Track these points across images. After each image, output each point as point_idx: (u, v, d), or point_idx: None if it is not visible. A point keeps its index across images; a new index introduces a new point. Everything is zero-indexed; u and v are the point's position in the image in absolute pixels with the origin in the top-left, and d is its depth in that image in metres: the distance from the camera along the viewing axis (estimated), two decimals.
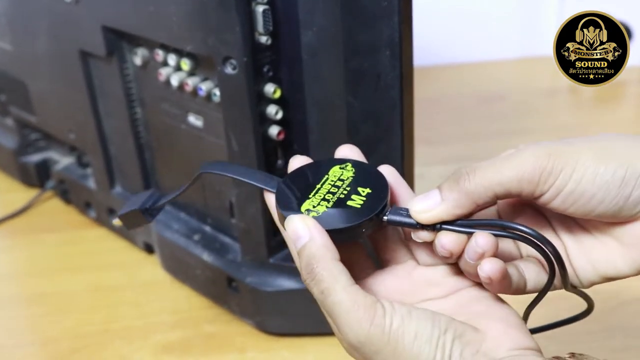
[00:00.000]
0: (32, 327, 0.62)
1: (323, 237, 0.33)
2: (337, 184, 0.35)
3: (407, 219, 0.34)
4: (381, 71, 0.47)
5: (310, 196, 0.35)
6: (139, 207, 0.42)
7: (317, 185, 0.35)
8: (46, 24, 0.63)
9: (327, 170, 0.36)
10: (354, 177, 0.36)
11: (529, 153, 0.33)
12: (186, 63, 0.53)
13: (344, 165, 0.36)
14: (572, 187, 0.33)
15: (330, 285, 0.32)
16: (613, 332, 0.56)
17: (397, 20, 0.45)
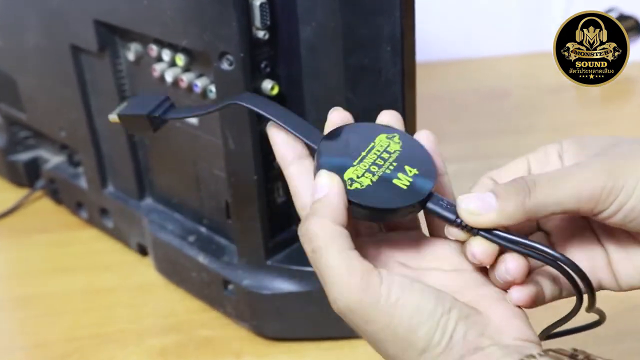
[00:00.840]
0: (22, 331, 0.61)
1: (336, 199, 0.32)
2: (383, 156, 0.34)
3: (446, 213, 0.33)
4: (382, 67, 0.47)
5: (355, 164, 0.33)
6: (147, 112, 0.39)
7: (362, 153, 0.34)
8: (36, 17, 0.62)
9: (374, 137, 0.35)
10: (401, 151, 0.34)
11: (588, 172, 0.33)
12: (181, 59, 0.52)
13: (391, 135, 0.35)
14: (633, 204, 0.33)
15: (323, 245, 0.31)
16: (623, 336, 0.55)
17: (399, 15, 0.45)
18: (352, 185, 0.33)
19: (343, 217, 0.32)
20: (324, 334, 0.56)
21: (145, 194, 0.65)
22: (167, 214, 0.63)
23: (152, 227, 0.62)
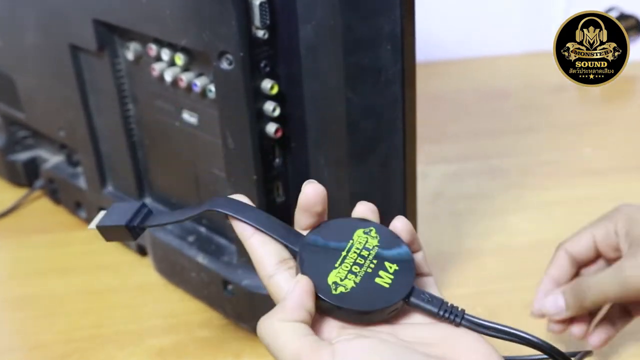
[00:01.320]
0: (20, 331, 0.61)
1: (292, 299, 0.33)
2: (362, 254, 0.35)
3: (429, 306, 0.34)
4: (382, 66, 0.46)
5: (337, 265, 0.34)
6: (126, 223, 0.39)
7: (343, 253, 0.35)
8: (35, 17, 0.62)
9: (351, 234, 0.36)
10: (379, 246, 0.35)
11: (630, 269, 0.44)
12: (180, 58, 0.52)
13: (368, 229, 0.36)
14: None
15: (271, 342, 0.33)
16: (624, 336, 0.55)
17: (399, 14, 0.45)
18: (337, 289, 0.33)
19: (297, 314, 0.33)
20: None
21: (144, 194, 0.65)
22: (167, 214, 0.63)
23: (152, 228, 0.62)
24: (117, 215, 0.40)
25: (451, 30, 1.06)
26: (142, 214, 0.40)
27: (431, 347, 0.33)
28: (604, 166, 0.79)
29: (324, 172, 0.51)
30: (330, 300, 0.33)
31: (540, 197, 0.72)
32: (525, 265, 0.63)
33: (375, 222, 0.37)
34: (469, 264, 0.64)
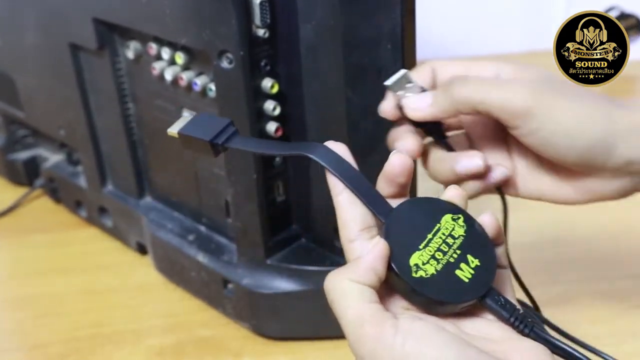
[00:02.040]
0: (20, 331, 0.60)
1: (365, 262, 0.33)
2: (447, 241, 0.34)
3: (503, 311, 0.34)
4: (382, 65, 0.46)
5: (421, 247, 0.34)
6: (210, 139, 0.38)
7: (429, 235, 0.34)
8: (35, 15, 0.62)
9: (439, 217, 0.35)
10: (465, 237, 0.34)
11: (519, 87, 0.37)
12: (180, 57, 0.52)
13: (456, 216, 0.35)
14: (547, 132, 0.37)
15: (335, 299, 0.33)
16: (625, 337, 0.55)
17: (399, 13, 0.44)
18: (417, 272, 0.33)
19: (368, 277, 0.32)
20: (324, 334, 0.56)
21: (144, 193, 0.64)
22: (167, 213, 0.63)
23: (152, 226, 0.62)
24: (202, 127, 0.39)
25: (451, 29, 1.06)
26: (228, 132, 0.39)
27: (490, 343, 0.32)
28: None
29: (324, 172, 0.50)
30: (409, 282, 0.33)
31: None
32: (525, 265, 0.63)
33: (464, 210, 0.36)
34: None
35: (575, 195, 0.40)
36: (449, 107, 0.39)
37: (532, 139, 0.38)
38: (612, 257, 0.64)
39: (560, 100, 0.37)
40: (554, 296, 0.59)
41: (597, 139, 0.37)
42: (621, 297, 0.59)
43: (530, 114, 0.37)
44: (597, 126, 0.37)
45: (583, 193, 0.40)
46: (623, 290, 0.59)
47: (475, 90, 0.38)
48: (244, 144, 0.39)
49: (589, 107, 0.37)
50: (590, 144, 0.37)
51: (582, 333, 0.55)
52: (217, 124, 0.39)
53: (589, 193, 0.40)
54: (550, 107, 0.37)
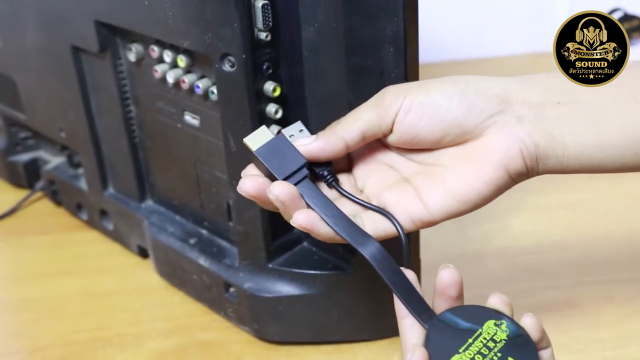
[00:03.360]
0: (20, 334, 0.60)
1: None
2: (489, 345, 0.35)
3: None
4: (385, 68, 0.46)
5: (461, 351, 0.34)
6: (282, 178, 0.39)
7: (469, 340, 0.35)
8: (36, 17, 0.61)
9: (482, 323, 0.36)
10: (507, 341, 0.35)
11: (380, 94, 0.41)
12: (183, 60, 0.51)
13: (499, 322, 0.36)
14: (405, 123, 0.39)
15: None
16: (626, 341, 0.55)
17: (402, 16, 0.44)
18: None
19: None
20: (325, 338, 0.55)
21: (145, 196, 0.64)
22: (168, 216, 0.62)
23: (153, 230, 0.62)
24: (277, 157, 0.39)
25: (454, 31, 1.06)
26: (301, 175, 0.40)
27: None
28: None
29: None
30: None
31: (543, 200, 0.72)
32: (528, 268, 0.63)
33: (508, 316, 0.37)
34: (472, 267, 0.63)
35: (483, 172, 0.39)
36: (333, 138, 0.40)
37: (399, 135, 0.40)
38: (614, 261, 0.63)
39: (421, 82, 0.41)
40: (556, 300, 0.58)
41: (465, 86, 0.40)
42: (624, 301, 0.59)
43: (387, 113, 0.39)
44: (461, 81, 0.40)
45: (485, 165, 0.39)
46: (626, 294, 0.59)
47: (350, 118, 0.41)
48: (309, 194, 0.40)
49: (453, 77, 0.41)
50: (460, 92, 0.39)
51: (585, 338, 0.55)
52: (293, 160, 0.40)
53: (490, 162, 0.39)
54: (412, 86, 0.40)
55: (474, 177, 0.39)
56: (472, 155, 0.39)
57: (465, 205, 0.39)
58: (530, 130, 0.38)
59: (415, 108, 0.39)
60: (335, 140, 0.40)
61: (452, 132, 0.39)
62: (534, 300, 0.51)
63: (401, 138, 0.40)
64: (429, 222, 0.40)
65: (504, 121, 0.38)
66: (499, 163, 0.38)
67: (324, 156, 0.41)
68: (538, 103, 0.39)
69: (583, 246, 0.65)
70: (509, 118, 0.38)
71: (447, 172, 0.40)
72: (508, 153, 0.38)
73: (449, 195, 0.39)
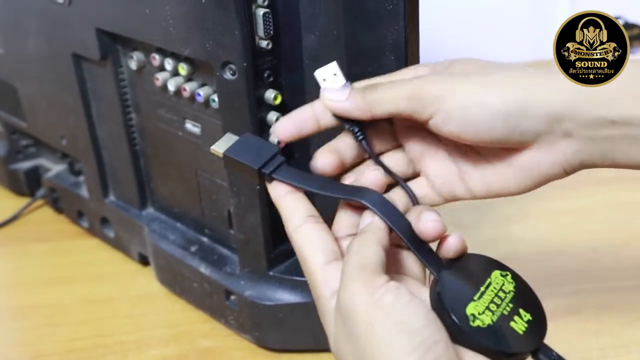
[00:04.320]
0: (21, 341, 0.60)
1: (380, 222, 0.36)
2: (500, 295, 0.35)
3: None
4: None
5: (476, 298, 0.35)
6: (259, 167, 0.38)
7: (481, 288, 0.35)
8: (38, 25, 0.62)
9: (489, 272, 0.36)
10: (515, 292, 0.36)
11: (420, 82, 0.38)
12: (184, 68, 0.51)
13: (504, 273, 0.37)
14: (460, 108, 0.37)
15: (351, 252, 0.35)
16: (629, 347, 0.55)
17: (403, 24, 0.44)
18: (475, 321, 0.34)
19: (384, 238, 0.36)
20: (326, 346, 0.55)
21: (146, 203, 0.64)
22: (169, 224, 0.62)
23: (154, 237, 0.62)
24: (249, 152, 0.39)
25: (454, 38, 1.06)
26: (277, 162, 0.39)
27: None
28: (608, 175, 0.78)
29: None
30: (468, 330, 0.34)
31: (545, 206, 0.72)
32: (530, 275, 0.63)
33: (510, 268, 0.37)
34: None
35: (521, 178, 0.39)
36: (362, 105, 0.39)
37: (450, 124, 0.37)
38: (615, 268, 0.63)
39: (466, 77, 0.38)
40: (557, 308, 0.58)
41: (511, 102, 0.36)
42: (625, 308, 0.58)
43: (438, 97, 0.37)
44: (507, 91, 0.37)
45: (526, 174, 0.39)
46: (627, 301, 0.59)
47: (384, 92, 0.39)
48: (291, 176, 0.39)
49: (498, 76, 0.38)
50: (505, 110, 0.36)
51: (586, 345, 0.55)
52: (265, 151, 0.39)
53: (531, 172, 0.39)
54: (455, 84, 0.38)
55: (515, 184, 0.39)
56: (515, 162, 0.39)
57: (506, 191, 0.40)
58: (578, 148, 0.37)
59: (455, 120, 0.37)
60: (364, 109, 0.39)
61: (495, 143, 0.38)
62: None
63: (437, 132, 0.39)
64: (469, 198, 0.41)
65: (550, 140, 0.37)
66: (540, 178, 0.39)
67: (349, 117, 0.40)
68: (591, 121, 0.36)
69: (584, 253, 0.65)
70: (555, 137, 0.37)
71: (490, 167, 0.40)
72: (550, 172, 0.38)
73: (487, 189, 0.40)
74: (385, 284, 0.33)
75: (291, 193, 0.39)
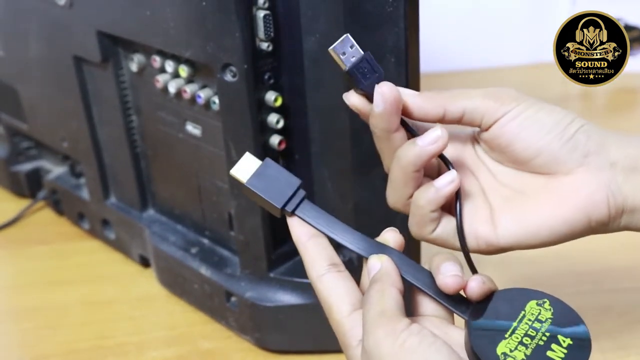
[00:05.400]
0: (22, 343, 0.60)
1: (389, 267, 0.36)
2: (535, 326, 0.34)
3: None
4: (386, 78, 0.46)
5: (507, 336, 0.34)
6: (281, 205, 0.38)
7: (514, 323, 0.34)
8: (39, 28, 0.62)
9: (524, 304, 0.35)
10: (553, 319, 0.35)
11: (498, 89, 0.39)
12: (184, 70, 0.51)
13: (541, 301, 0.35)
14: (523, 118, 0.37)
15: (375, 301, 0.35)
16: (628, 349, 0.54)
17: (403, 26, 0.44)
18: (506, 359, 0.33)
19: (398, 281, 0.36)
20: (327, 347, 0.55)
21: (147, 205, 0.64)
22: (170, 226, 0.62)
23: (154, 239, 0.62)
24: (271, 185, 0.38)
25: (455, 41, 1.06)
26: (299, 197, 0.38)
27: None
28: None
29: (328, 184, 0.50)
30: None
31: None
32: (528, 277, 0.63)
33: (549, 295, 0.36)
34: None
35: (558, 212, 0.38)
36: (437, 99, 0.39)
37: (512, 126, 0.38)
38: (615, 270, 0.63)
39: (534, 104, 0.38)
40: None
41: (572, 116, 0.38)
42: (625, 311, 0.58)
43: (517, 97, 0.38)
44: (570, 128, 0.37)
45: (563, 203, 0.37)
46: (627, 303, 0.59)
47: (459, 90, 0.39)
48: (312, 215, 0.38)
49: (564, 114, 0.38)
50: (565, 121, 0.37)
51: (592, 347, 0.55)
52: (287, 185, 0.38)
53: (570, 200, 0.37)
54: (530, 102, 0.38)
55: (551, 213, 0.37)
56: (557, 190, 0.38)
57: (533, 238, 0.38)
58: (622, 180, 0.37)
59: (522, 119, 0.38)
60: (436, 105, 0.39)
61: (545, 155, 0.38)
62: None
63: (495, 140, 0.39)
64: (492, 245, 0.38)
65: (597, 164, 0.37)
66: (582, 206, 0.37)
67: (418, 115, 0.39)
68: (635, 155, 0.37)
69: (583, 256, 0.65)
70: (602, 163, 0.37)
71: (527, 200, 0.38)
72: (593, 198, 0.37)
73: (520, 224, 0.38)
74: (407, 328, 0.33)
75: (314, 238, 0.38)
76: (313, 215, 0.38)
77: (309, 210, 0.38)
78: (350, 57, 0.38)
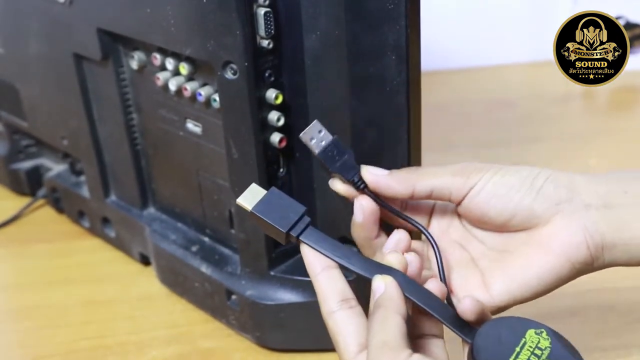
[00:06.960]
0: (22, 342, 0.60)
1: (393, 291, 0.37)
2: (536, 352, 0.36)
3: None
4: (387, 76, 0.46)
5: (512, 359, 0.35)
6: (286, 230, 0.39)
7: (517, 349, 0.35)
8: (39, 25, 0.62)
9: (524, 332, 0.36)
10: (551, 348, 0.36)
11: (464, 165, 0.41)
12: (185, 67, 0.51)
13: (539, 330, 0.37)
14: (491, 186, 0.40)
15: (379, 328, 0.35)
16: (629, 349, 0.54)
17: (404, 24, 0.44)
18: None
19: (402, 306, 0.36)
20: (327, 346, 0.55)
21: (147, 203, 0.64)
22: (170, 224, 0.62)
23: (155, 237, 0.61)
24: (276, 211, 0.40)
25: (456, 39, 1.06)
26: (304, 223, 0.40)
27: None
28: None
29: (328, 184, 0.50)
30: None
31: None
32: None
33: (544, 325, 0.37)
34: None
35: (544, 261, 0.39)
36: (406, 178, 0.41)
37: (481, 196, 0.40)
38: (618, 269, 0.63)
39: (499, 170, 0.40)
40: (559, 309, 0.58)
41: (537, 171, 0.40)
42: (628, 309, 0.58)
43: (483, 168, 0.40)
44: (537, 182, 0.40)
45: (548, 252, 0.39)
46: (630, 302, 0.59)
47: (426, 169, 0.42)
48: (317, 240, 0.40)
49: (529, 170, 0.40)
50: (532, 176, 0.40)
51: (588, 346, 0.55)
52: (292, 210, 0.40)
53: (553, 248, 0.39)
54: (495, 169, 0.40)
55: (537, 263, 0.39)
56: (538, 241, 0.39)
57: (526, 291, 0.40)
58: (597, 218, 0.38)
59: (489, 187, 0.40)
60: (406, 185, 0.41)
61: (520, 215, 0.40)
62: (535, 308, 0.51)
63: (470, 213, 0.41)
64: (490, 307, 0.40)
65: (571, 209, 0.39)
66: (562, 251, 0.39)
67: (388, 193, 0.41)
68: (605, 192, 0.39)
69: None
70: (576, 206, 0.39)
71: (512, 257, 0.40)
72: (572, 241, 0.39)
73: (510, 281, 0.40)
74: (408, 358, 0.34)
75: (326, 271, 0.39)
76: (317, 240, 0.40)
77: (314, 236, 0.40)
78: (320, 142, 0.41)
